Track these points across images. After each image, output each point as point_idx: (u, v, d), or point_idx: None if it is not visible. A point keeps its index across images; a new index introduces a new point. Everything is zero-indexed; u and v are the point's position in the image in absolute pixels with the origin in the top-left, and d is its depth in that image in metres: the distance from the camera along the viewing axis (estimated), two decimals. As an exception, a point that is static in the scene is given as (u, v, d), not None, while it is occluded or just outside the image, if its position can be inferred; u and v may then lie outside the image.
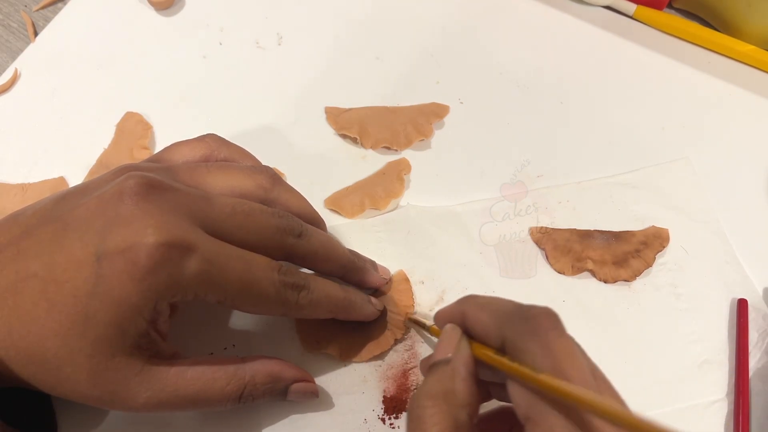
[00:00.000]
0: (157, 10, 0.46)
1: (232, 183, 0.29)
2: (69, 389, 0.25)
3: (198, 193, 0.27)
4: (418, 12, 0.47)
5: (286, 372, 0.29)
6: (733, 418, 0.32)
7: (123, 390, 0.25)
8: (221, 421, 0.31)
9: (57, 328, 0.23)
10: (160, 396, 0.26)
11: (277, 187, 0.30)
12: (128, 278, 0.23)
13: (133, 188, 0.24)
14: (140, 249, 0.23)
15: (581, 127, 0.42)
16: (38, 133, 0.41)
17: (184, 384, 0.26)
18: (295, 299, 0.28)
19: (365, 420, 0.31)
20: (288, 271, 0.27)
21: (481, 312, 0.24)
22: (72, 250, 0.24)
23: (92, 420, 0.31)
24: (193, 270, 0.24)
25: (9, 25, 0.46)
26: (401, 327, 0.33)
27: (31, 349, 0.24)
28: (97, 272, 0.23)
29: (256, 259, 0.26)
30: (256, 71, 0.44)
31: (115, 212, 0.24)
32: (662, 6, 0.46)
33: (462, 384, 0.23)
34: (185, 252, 0.24)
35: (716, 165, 0.40)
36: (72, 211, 0.25)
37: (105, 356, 0.24)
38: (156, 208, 0.24)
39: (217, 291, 0.25)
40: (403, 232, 0.37)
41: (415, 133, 0.40)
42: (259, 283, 0.26)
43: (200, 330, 0.33)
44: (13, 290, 0.24)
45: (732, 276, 0.36)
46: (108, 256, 0.23)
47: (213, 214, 0.26)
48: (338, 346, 0.32)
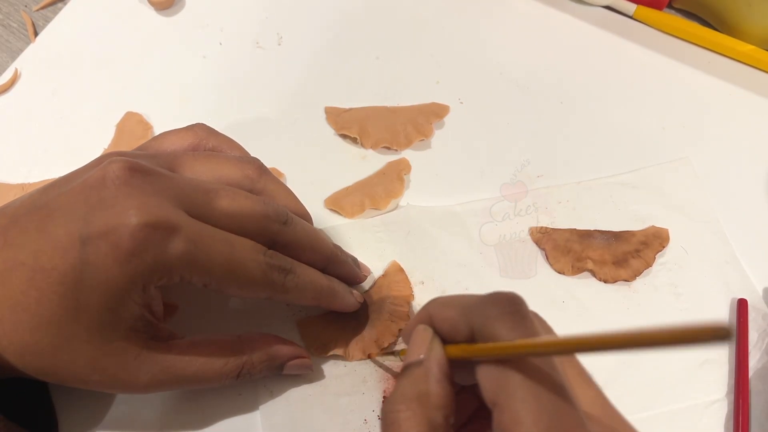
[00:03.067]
0: (157, 10, 0.46)
1: (219, 172, 0.29)
2: (68, 376, 0.25)
3: (182, 178, 0.26)
4: (418, 12, 0.47)
5: (282, 350, 0.30)
6: (732, 418, 0.32)
7: (123, 373, 0.25)
8: (221, 420, 0.31)
9: (49, 316, 0.24)
10: (160, 377, 0.26)
11: (263, 177, 0.30)
12: (113, 261, 0.23)
13: (115, 172, 0.24)
14: (123, 231, 0.23)
15: (581, 127, 0.42)
16: (38, 133, 0.41)
17: (183, 365, 0.27)
18: (282, 281, 0.28)
19: (365, 420, 0.31)
20: (274, 254, 0.28)
21: (446, 309, 0.23)
22: (57, 236, 0.24)
23: (92, 413, 0.31)
24: (177, 251, 0.24)
25: (9, 25, 0.46)
26: (404, 317, 0.33)
27: (25, 339, 0.24)
28: (82, 258, 0.23)
29: (241, 241, 0.26)
30: (256, 71, 0.44)
31: (98, 196, 0.24)
32: (662, 6, 0.46)
33: (436, 385, 0.22)
34: (169, 233, 0.24)
35: (716, 165, 0.40)
36: (56, 198, 0.25)
37: (102, 341, 0.24)
38: (138, 191, 0.24)
39: (203, 273, 0.25)
40: (403, 232, 0.37)
41: (415, 133, 0.40)
42: (244, 264, 0.26)
43: (200, 331, 0.33)
44: (1, 280, 0.24)
45: (732, 276, 0.36)
46: (92, 241, 0.23)
47: (197, 198, 0.26)
48: (344, 347, 0.32)
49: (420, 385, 0.22)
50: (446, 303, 0.24)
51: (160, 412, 0.31)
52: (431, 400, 0.22)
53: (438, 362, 0.23)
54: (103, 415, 0.31)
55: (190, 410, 0.31)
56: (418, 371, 0.23)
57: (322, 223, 0.37)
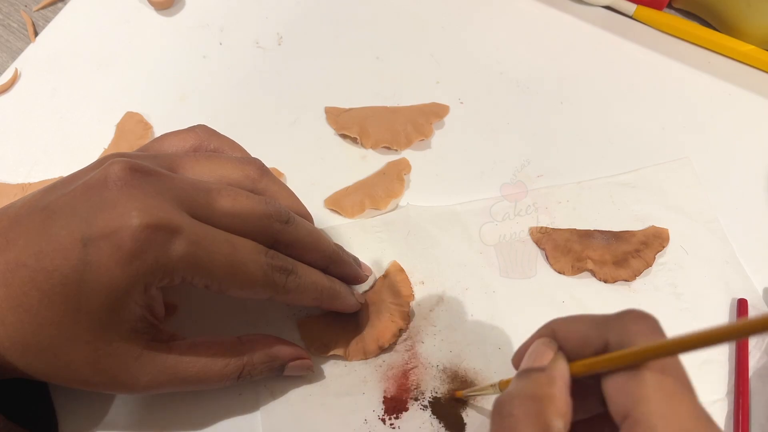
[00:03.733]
0: (157, 10, 0.46)
1: (220, 172, 0.29)
2: (69, 376, 0.25)
3: (183, 178, 0.26)
4: (418, 12, 0.47)
5: (283, 351, 0.30)
6: (733, 418, 0.32)
7: (124, 374, 0.25)
8: (222, 421, 0.31)
9: (51, 316, 0.24)
10: (160, 378, 0.26)
11: (264, 178, 0.30)
12: (114, 263, 0.23)
13: (117, 173, 0.24)
14: (125, 232, 0.23)
15: (581, 127, 0.42)
16: (38, 133, 0.41)
17: (183, 367, 0.27)
18: (283, 282, 0.28)
19: (366, 420, 0.31)
20: (275, 255, 0.28)
21: (574, 323, 0.23)
22: (58, 237, 0.24)
23: (92, 414, 0.31)
24: (179, 252, 0.24)
25: (9, 25, 0.46)
26: (405, 317, 0.33)
27: (27, 339, 0.24)
28: (83, 259, 0.23)
29: (242, 242, 0.26)
30: (256, 71, 0.44)
31: (100, 197, 0.24)
32: (662, 6, 0.46)
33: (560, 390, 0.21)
34: (170, 234, 0.24)
35: (716, 165, 0.40)
36: (58, 200, 0.25)
37: (103, 342, 0.24)
38: (140, 192, 0.24)
39: (204, 274, 0.25)
40: (403, 232, 0.37)
41: (415, 133, 0.40)
42: (246, 265, 0.26)
43: (201, 332, 0.33)
44: (3, 281, 0.24)
45: (732, 276, 0.36)
46: (94, 242, 0.23)
47: (199, 198, 0.26)
48: (344, 347, 0.32)
49: (543, 388, 0.21)
50: (573, 319, 0.23)
51: (160, 413, 0.31)
52: (555, 405, 0.21)
53: (562, 373, 0.22)
54: (103, 416, 0.31)
55: (190, 411, 0.31)
56: (540, 376, 0.22)
57: (322, 223, 0.37)
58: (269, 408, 0.31)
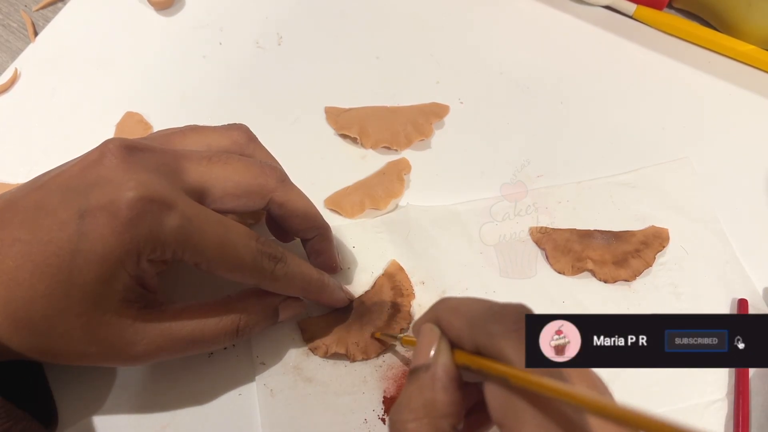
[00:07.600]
0: (157, 10, 0.46)
1: (208, 140, 0.30)
2: (63, 350, 0.25)
3: (177, 151, 0.27)
4: (418, 12, 0.47)
5: (272, 296, 0.30)
6: (733, 418, 0.32)
7: (120, 342, 0.26)
8: (221, 421, 0.31)
9: (43, 289, 0.24)
10: (157, 341, 0.26)
11: (252, 144, 0.31)
12: (110, 232, 0.24)
13: (113, 150, 0.25)
14: (121, 202, 0.24)
15: (581, 127, 0.42)
16: (38, 133, 0.41)
17: (178, 326, 0.27)
18: (271, 269, 0.28)
19: (365, 420, 0.31)
20: (266, 241, 0.28)
21: (453, 316, 0.23)
22: (55, 211, 0.24)
23: (91, 402, 0.31)
24: (172, 226, 0.25)
25: (9, 25, 0.46)
26: (405, 317, 0.33)
27: (19, 314, 0.24)
28: (79, 230, 0.24)
29: (235, 225, 0.27)
30: (256, 71, 0.44)
31: (97, 173, 0.25)
32: (662, 6, 0.46)
33: (443, 393, 0.22)
34: (165, 207, 0.25)
35: (716, 165, 0.40)
36: (55, 178, 0.26)
37: (95, 313, 0.25)
38: (137, 167, 0.25)
39: (195, 251, 0.26)
40: (403, 232, 0.37)
41: (415, 133, 0.40)
42: (236, 247, 0.27)
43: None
44: None
45: (732, 276, 0.36)
46: (90, 213, 0.24)
47: (193, 167, 0.27)
48: (345, 346, 0.32)
49: (427, 393, 0.22)
50: (454, 309, 0.23)
51: (160, 412, 0.31)
52: (438, 408, 0.21)
53: (445, 368, 0.22)
54: (102, 404, 0.31)
55: (190, 410, 0.31)
56: (425, 377, 0.22)
57: (322, 223, 0.37)
58: (269, 407, 0.31)
